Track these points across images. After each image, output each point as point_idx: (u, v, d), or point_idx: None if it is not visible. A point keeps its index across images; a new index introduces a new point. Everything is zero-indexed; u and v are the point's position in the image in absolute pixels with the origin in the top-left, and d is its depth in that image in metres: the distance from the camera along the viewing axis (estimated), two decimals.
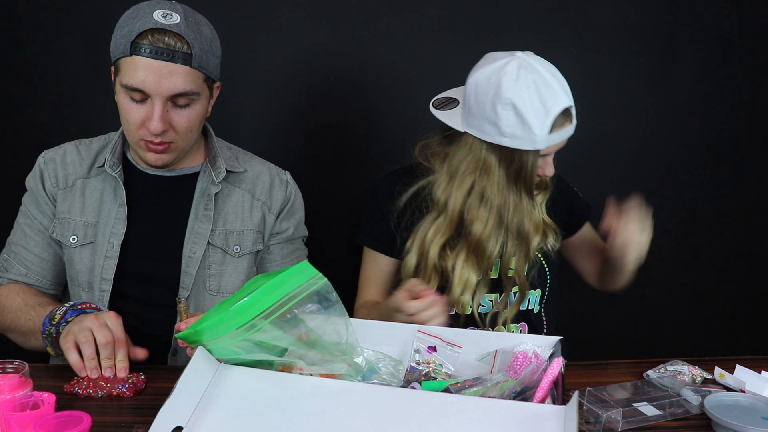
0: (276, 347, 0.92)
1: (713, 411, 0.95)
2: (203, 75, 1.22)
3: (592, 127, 1.97)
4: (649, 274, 2.05)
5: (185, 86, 1.19)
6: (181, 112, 1.22)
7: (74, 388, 1.06)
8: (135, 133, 1.23)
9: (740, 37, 1.95)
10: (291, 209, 1.43)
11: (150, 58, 1.16)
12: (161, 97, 1.18)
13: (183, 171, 1.35)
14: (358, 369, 0.97)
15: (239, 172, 1.39)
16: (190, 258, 1.31)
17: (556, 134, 1.22)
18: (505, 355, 1.02)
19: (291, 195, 1.43)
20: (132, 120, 1.22)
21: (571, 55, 1.93)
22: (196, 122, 1.26)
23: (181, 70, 1.18)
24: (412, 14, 1.87)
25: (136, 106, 1.20)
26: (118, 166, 1.32)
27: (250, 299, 0.87)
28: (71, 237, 1.31)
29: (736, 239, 2.07)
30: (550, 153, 1.28)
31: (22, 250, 1.34)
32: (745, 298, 2.10)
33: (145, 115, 1.20)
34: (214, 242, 1.33)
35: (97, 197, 1.32)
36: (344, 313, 0.95)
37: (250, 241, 1.37)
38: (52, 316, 1.18)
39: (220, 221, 1.35)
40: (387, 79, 1.91)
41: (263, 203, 1.39)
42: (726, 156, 2.02)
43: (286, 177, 1.44)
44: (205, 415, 0.84)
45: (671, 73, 1.96)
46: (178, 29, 1.17)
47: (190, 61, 1.18)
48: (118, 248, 1.30)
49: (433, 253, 1.31)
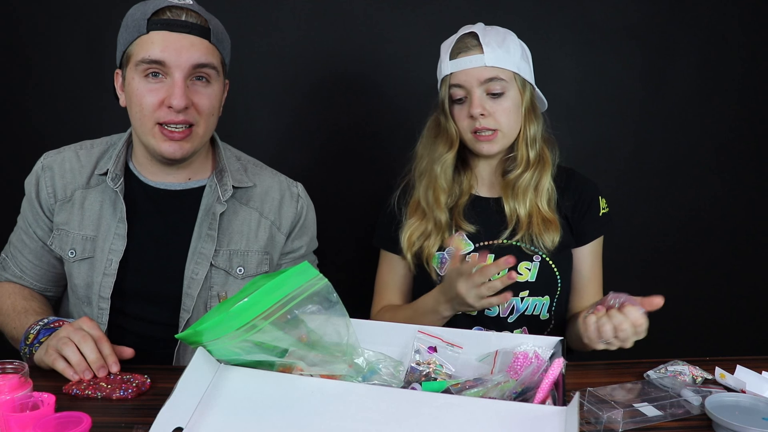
0: (276, 348, 0.92)
1: (714, 411, 0.95)
2: (220, 56, 1.20)
3: (591, 127, 1.98)
4: (649, 274, 2.07)
5: (206, 58, 1.16)
6: (201, 90, 1.18)
7: (72, 389, 1.06)
8: (152, 116, 1.16)
9: (740, 37, 1.95)
10: (303, 227, 1.38)
11: (169, 31, 1.14)
12: (182, 69, 1.14)
13: (188, 185, 1.29)
14: (359, 370, 0.97)
15: (247, 188, 1.32)
16: (192, 279, 1.26)
17: (462, 59, 1.31)
18: (506, 356, 1.02)
19: (302, 210, 1.37)
20: (149, 102, 1.16)
21: (571, 55, 1.93)
22: (216, 106, 1.22)
23: (200, 42, 1.16)
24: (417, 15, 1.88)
25: (153, 86, 1.16)
26: (120, 178, 1.26)
27: (251, 300, 0.87)
28: (69, 251, 1.26)
29: (736, 239, 2.07)
30: (466, 83, 1.31)
31: (18, 254, 1.33)
32: (745, 298, 2.10)
33: (164, 93, 1.15)
34: (217, 264, 1.27)
35: (96, 210, 1.26)
36: (345, 313, 0.95)
37: (255, 262, 1.31)
38: (26, 335, 1.16)
39: (224, 241, 1.28)
40: (397, 81, 1.91)
41: (272, 223, 1.33)
42: (726, 156, 2.02)
43: (297, 190, 1.38)
44: (205, 415, 0.84)
45: (671, 73, 1.96)
46: (193, 7, 1.17)
47: (208, 36, 1.17)
48: (117, 266, 1.24)
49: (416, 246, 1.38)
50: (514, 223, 1.36)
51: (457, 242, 1.37)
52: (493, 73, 1.30)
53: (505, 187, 1.38)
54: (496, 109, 1.31)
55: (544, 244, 1.34)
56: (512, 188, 1.37)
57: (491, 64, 1.29)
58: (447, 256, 1.38)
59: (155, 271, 1.27)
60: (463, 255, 1.31)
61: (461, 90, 1.32)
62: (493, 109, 1.31)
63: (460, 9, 1.86)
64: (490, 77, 1.30)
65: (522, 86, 1.34)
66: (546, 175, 1.37)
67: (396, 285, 1.46)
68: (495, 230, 1.37)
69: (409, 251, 1.39)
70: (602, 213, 1.41)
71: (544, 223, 1.35)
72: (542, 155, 1.38)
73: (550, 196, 1.37)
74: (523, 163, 1.36)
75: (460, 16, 1.57)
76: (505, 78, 1.31)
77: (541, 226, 1.34)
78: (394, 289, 1.46)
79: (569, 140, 1.43)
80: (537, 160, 1.37)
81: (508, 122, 1.33)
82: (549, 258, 1.35)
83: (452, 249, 1.16)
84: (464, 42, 1.32)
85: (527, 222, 1.35)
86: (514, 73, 1.32)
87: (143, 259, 1.26)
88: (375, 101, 1.93)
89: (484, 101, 1.31)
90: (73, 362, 1.07)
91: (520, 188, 1.36)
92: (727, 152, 2.02)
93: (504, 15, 1.87)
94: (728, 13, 1.93)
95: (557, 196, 1.38)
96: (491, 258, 1.31)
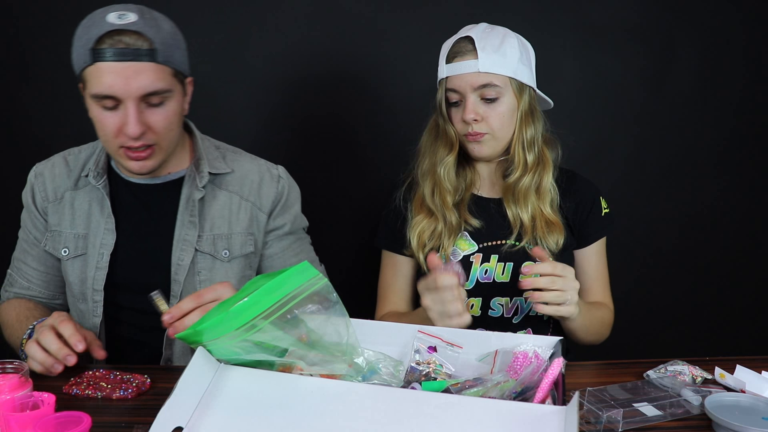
0: (276, 348, 0.92)
1: (713, 411, 0.95)
2: (171, 70, 1.19)
3: (591, 127, 1.98)
4: (649, 274, 2.07)
5: (155, 84, 1.16)
6: (156, 111, 1.19)
7: (72, 389, 1.06)
8: (113, 142, 1.20)
9: (740, 37, 1.95)
10: (285, 204, 1.40)
11: (113, 61, 1.12)
12: (133, 98, 1.15)
13: (168, 177, 1.33)
14: (359, 369, 0.97)
15: (225, 174, 1.35)
16: (178, 266, 1.30)
17: (457, 64, 1.31)
18: (506, 356, 1.02)
19: (284, 189, 1.39)
20: (108, 130, 1.18)
21: (571, 55, 1.93)
22: (174, 120, 1.23)
23: (147, 67, 1.14)
24: (413, 13, 1.88)
25: (109, 115, 1.17)
26: (102, 176, 1.30)
27: (251, 300, 0.87)
28: (62, 249, 1.31)
29: (736, 239, 2.07)
30: (460, 89, 1.31)
31: (23, 265, 1.37)
32: (745, 298, 2.10)
33: (120, 121, 1.17)
34: (201, 248, 1.31)
35: (86, 209, 1.31)
36: (344, 313, 0.95)
37: (239, 244, 1.34)
38: (21, 341, 1.18)
39: (207, 226, 1.32)
40: (393, 80, 1.91)
41: (253, 204, 1.36)
42: (726, 156, 2.02)
43: (277, 171, 1.40)
44: (205, 415, 0.84)
45: (671, 73, 1.96)
46: (135, 27, 1.14)
47: (154, 57, 1.15)
48: (108, 259, 1.29)
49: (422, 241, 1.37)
50: (518, 227, 1.36)
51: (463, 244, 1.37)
52: (487, 79, 1.29)
53: (506, 191, 1.38)
54: (490, 114, 1.31)
55: (548, 246, 1.34)
56: (513, 192, 1.36)
57: (485, 69, 1.29)
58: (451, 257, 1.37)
59: (144, 261, 1.31)
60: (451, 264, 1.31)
61: (456, 94, 1.33)
62: (486, 114, 1.31)
63: (460, 9, 1.86)
64: (484, 83, 1.29)
65: (519, 90, 1.33)
66: (547, 175, 1.36)
67: (400, 288, 1.45)
68: (497, 231, 1.37)
69: (421, 251, 1.37)
70: (604, 213, 1.42)
71: (548, 226, 1.35)
72: (542, 156, 1.37)
73: (552, 198, 1.37)
74: (521, 166, 1.36)
75: (460, 16, 1.57)
76: (499, 84, 1.30)
77: (545, 228, 1.34)
78: (399, 293, 1.44)
79: (570, 140, 1.42)
80: (536, 162, 1.36)
81: (501, 127, 1.32)
82: (553, 258, 1.34)
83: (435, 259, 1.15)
84: (460, 46, 1.32)
85: (531, 226, 1.35)
86: (510, 78, 1.31)
87: (132, 251, 1.31)
88: (375, 101, 1.93)
89: (478, 106, 1.31)
90: (39, 360, 1.08)
91: (521, 192, 1.35)
92: (727, 152, 2.02)
93: (504, 15, 1.87)
94: (728, 13, 1.93)
95: (559, 197, 1.38)
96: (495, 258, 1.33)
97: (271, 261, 1.40)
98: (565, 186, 1.40)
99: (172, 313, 1.05)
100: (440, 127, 1.37)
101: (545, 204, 1.36)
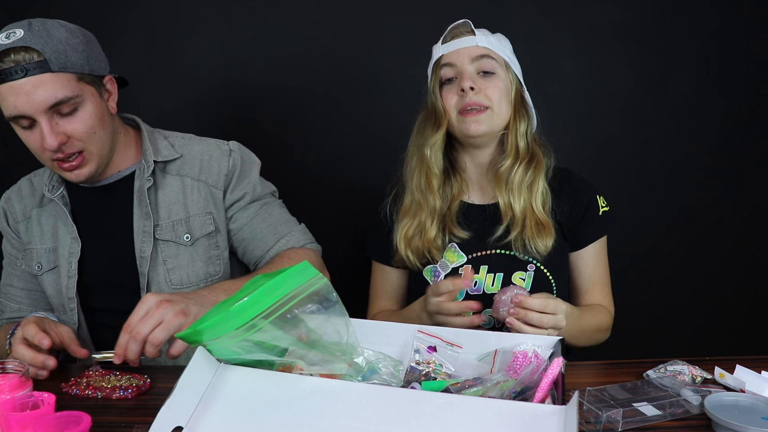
0: (276, 347, 0.92)
1: (713, 411, 0.95)
2: (73, 75, 1.17)
3: (591, 127, 1.98)
4: (649, 273, 2.07)
5: (57, 93, 1.15)
6: (70, 119, 1.19)
7: (72, 389, 1.06)
8: (45, 157, 1.21)
9: (740, 38, 1.95)
10: (240, 175, 1.39)
11: (9, 82, 1.13)
12: (41, 112, 1.15)
13: (119, 175, 1.34)
14: (359, 369, 0.97)
15: (174, 159, 1.36)
16: (141, 258, 1.31)
17: (454, 41, 1.32)
18: (505, 355, 1.02)
19: (236, 162, 1.38)
20: (34, 147, 1.20)
21: (571, 55, 1.93)
22: (96, 122, 1.22)
23: (43, 79, 1.14)
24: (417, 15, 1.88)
25: (29, 133, 1.18)
26: (59, 189, 1.32)
27: (250, 299, 0.87)
28: (35, 265, 1.34)
29: (736, 239, 2.07)
30: (457, 62, 1.31)
31: (10, 288, 1.39)
32: (745, 298, 2.10)
33: (39, 137, 1.18)
34: (162, 237, 1.32)
35: (52, 223, 1.34)
36: (344, 313, 0.95)
37: (199, 225, 1.34)
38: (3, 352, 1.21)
39: (163, 214, 1.33)
40: (395, 82, 1.91)
41: (205, 183, 1.36)
42: (726, 156, 2.02)
43: (228, 146, 1.40)
44: (205, 415, 0.84)
45: (671, 73, 1.96)
46: (22, 42, 1.13)
47: (47, 67, 1.14)
48: (76, 266, 1.31)
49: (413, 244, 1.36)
50: (509, 219, 1.33)
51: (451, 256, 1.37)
52: (484, 51, 1.30)
53: (498, 182, 1.35)
54: (487, 86, 1.30)
55: (537, 250, 1.31)
56: (506, 182, 1.34)
57: (483, 45, 1.31)
58: (440, 269, 1.37)
59: (111, 261, 1.33)
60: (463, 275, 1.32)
61: (452, 69, 1.31)
62: (484, 86, 1.30)
63: (459, 10, 1.85)
64: (482, 54, 1.30)
65: (512, 77, 1.34)
66: (540, 176, 1.34)
67: (389, 293, 1.46)
68: (488, 237, 1.35)
69: (408, 249, 1.36)
70: (602, 212, 1.39)
71: (537, 227, 1.31)
72: (534, 153, 1.35)
73: (545, 199, 1.34)
74: (513, 152, 1.33)
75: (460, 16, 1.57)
76: (496, 59, 1.31)
77: (535, 229, 1.31)
78: (388, 296, 1.46)
79: (569, 140, 1.42)
80: (528, 153, 1.34)
81: (499, 100, 1.30)
82: (542, 265, 1.33)
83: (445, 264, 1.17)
84: (457, 28, 1.35)
85: (522, 219, 1.32)
86: (505, 61, 1.32)
87: (99, 253, 1.33)
88: (375, 101, 1.93)
89: (475, 78, 1.30)
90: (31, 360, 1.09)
91: (514, 183, 1.33)
92: (727, 152, 2.02)
93: (504, 15, 1.87)
94: (729, 13, 1.93)
95: (552, 200, 1.35)
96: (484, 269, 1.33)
97: (242, 233, 1.39)
98: (558, 187, 1.37)
99: (118, 353, 1.07)
100: (428, 109, 1.36)
101: (537, 202, 1.33)
